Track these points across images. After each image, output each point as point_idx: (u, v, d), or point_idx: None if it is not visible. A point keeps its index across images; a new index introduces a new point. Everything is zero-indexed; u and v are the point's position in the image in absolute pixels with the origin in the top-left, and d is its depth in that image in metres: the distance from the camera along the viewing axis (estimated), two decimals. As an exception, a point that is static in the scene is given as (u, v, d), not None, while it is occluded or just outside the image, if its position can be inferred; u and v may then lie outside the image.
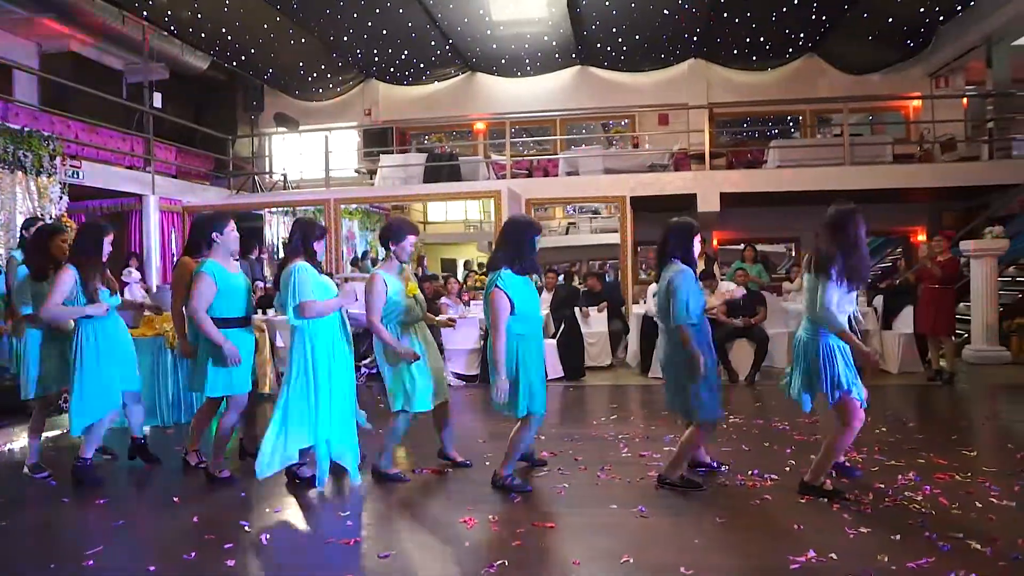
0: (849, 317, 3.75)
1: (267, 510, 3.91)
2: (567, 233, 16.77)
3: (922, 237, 12.77)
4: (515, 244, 3.96)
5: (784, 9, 10.82)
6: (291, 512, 3.89)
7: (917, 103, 12.60)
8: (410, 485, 4.30)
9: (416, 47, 12.37)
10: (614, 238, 13.26)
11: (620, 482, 4.29)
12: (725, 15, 11.23)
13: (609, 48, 12.72)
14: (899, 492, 3.93)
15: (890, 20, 10.89)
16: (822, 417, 5.89)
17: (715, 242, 13.08)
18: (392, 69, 13.38)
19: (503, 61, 13.25)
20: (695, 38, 12.41)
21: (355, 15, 11.05)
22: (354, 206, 12.37)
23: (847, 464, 4.29)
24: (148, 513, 3.94)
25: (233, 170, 12.58)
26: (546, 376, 4.25)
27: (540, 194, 11.44)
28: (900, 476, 4.21)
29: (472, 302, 9.37)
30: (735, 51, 12.72)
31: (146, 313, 5.78)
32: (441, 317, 5.34)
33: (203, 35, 11.17)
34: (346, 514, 3.79)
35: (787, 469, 4.44)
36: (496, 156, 13.01)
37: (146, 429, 5.88)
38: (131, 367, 4.47)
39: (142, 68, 10.97)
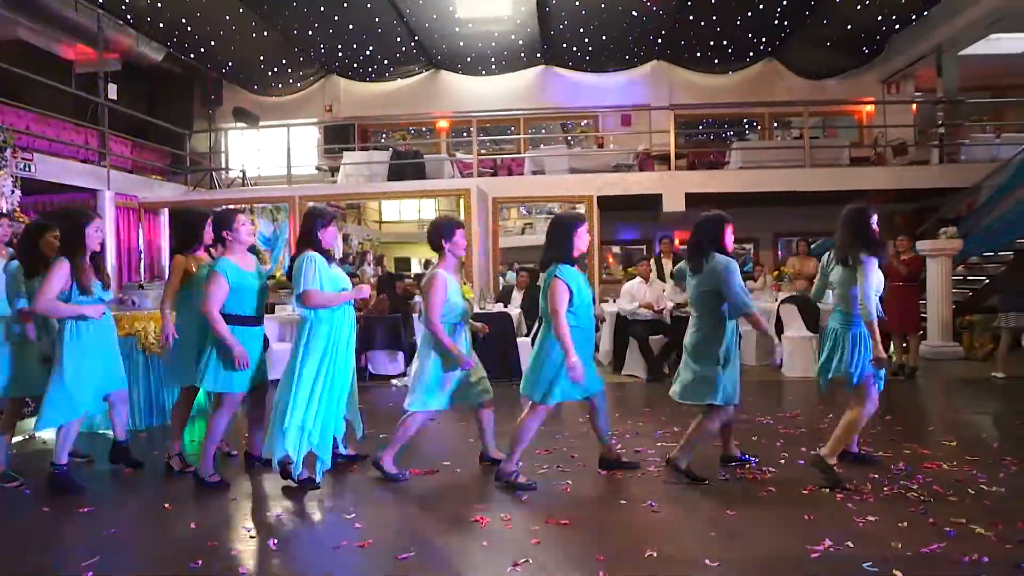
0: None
1: (267, 515, 3.78)
2: (523, 233, 16.80)
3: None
4: (560, 240, 4.01)
5: (749, 13, 11.06)
6: (293, 516, 3.76)
7: (870, 108, 13.05)
8: (410, 487, 4.22)
9: (381, 43, 12.19)
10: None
11: (623, 478, 4.30)
12: (691, 18, 11.40)
13: (575, 48, 12.79)
14: (894, 481, 4.05)
15: (848, 27, 11.25)
16: (802, 409, 6.08)
17: (676, 242, 13.29)
18: (355, 65, 13.16)
19: (469, 59, 13.19)
20: (659, 40, 12.57)
21: (322, 9, 10.82)
22: (311, 204, 12.10)
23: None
24: (140, 521, 3.76)
25: (190, 166, 12.18)
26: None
27: (507, 193, 11.43)
28: (892, 466, 4.34)
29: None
30: (698, 54, 12.94)
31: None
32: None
33: (161, 25, 10.77)
34: (351, 516, 3.69)
35: (782, 461, 4.53)
36: (461, 154, 12.94)
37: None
38: (116, 366, 4.34)
39: (94, 58, 10.51)
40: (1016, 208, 9.53)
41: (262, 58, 12.34)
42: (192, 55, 11.84)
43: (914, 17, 10.89)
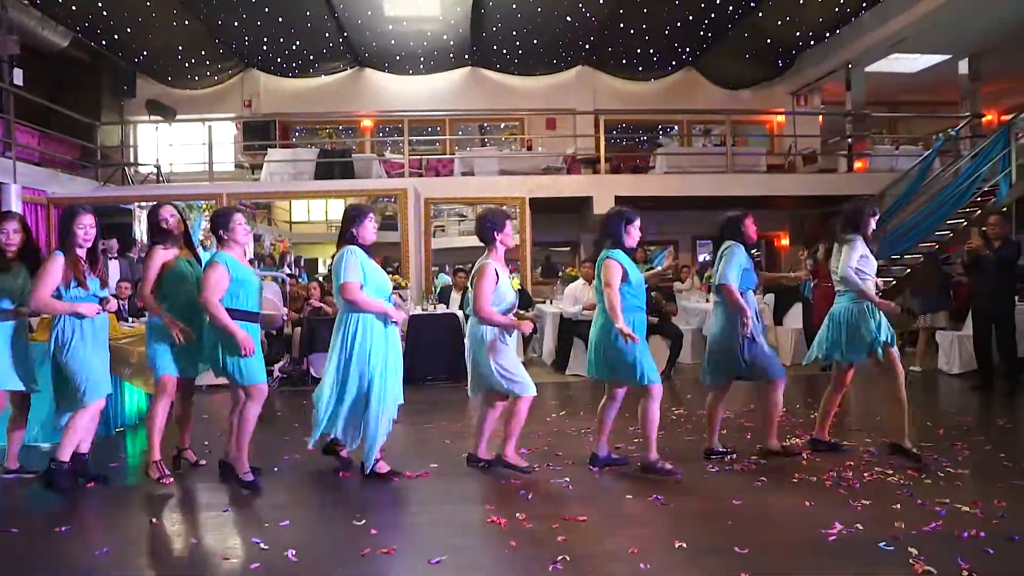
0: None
1: (270, 525, 3.58)
2: (434, 236, 16.66)
3: (785, 241, 14.07)
4: (615, 231, 4.21)
5: (678, 24, 11.50)
6: (300, 525, 3.58)
7: (781, 118, 13.86)
8: (408, 490, 4.13)
9: (309, 38, 11.83)
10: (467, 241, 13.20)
11: (618, 473, 4.38)
12: (622, 25, 11.72)
13: (505, 51, 12.88)
14: (870, 467, 4.33)
15: (768, 41, 11.91)
16: (756, 402, 6.37)
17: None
18: (279, 59, 12.71)
19: (398, 58, 13.02)
20: (587, 46, 12.85)
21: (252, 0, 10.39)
22: (212, 202, 11.49)
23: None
24: (130, 539, 3.48)
25: (102, 159, 11.35)
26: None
27: (440, 194, 11.41)
28: (865, 453, 4.65)
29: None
30: (624, 61, 13.33)
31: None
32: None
33: (73, 8, 9.99)
34: (361, 523, 3.56)
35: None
36: (389, 154, 12.74)
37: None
38: (107, 369, 4.17)
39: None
40: (918, 215, 10.39)
41: (180, 48, 11.67)
42: (104, 42, 11.05)
43: (828, 34, 11.68)
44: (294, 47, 12.07)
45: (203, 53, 12.05)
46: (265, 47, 12.08)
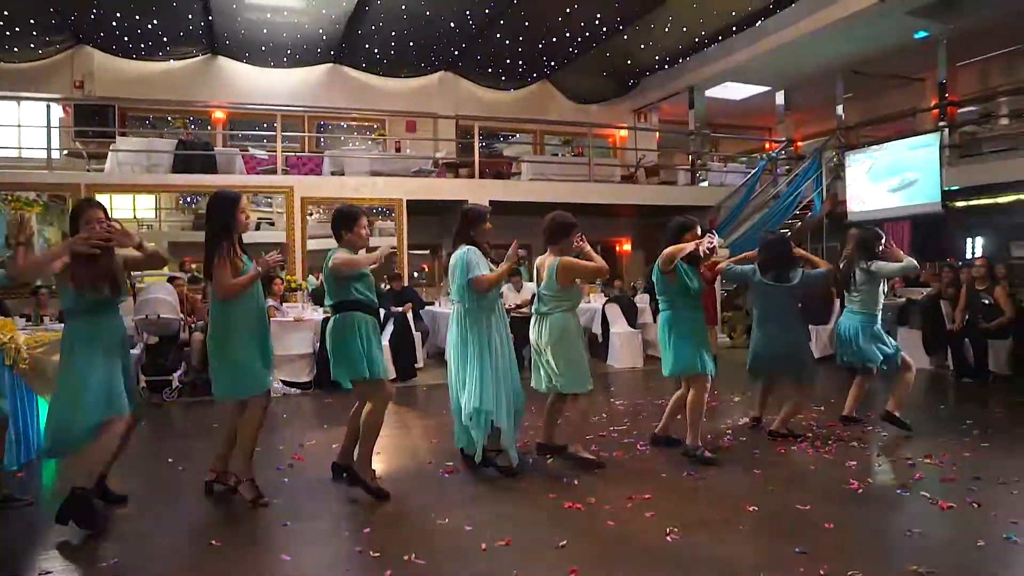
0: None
1: (355, 533, 3.47)
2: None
3: (628, 247, 15.36)
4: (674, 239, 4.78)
5: (554, 38, 12.14)
6: (384, 529, 3.53)
7: (624, 133, 15.13)
8: (456, 485, 4.20)
9: (166, 18, 10.80)
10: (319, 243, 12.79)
11: (630, 457, 4.77)
12: (498, 35, 12.13)
13: (376, 50, 12.71)
14: (827, 437, 5.13)
15: (628, 61, 13.00)
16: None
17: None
18: (125, 38, 11.42)
19: (263, 48, 12.30)
20: (455, 51, 13.09)
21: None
22: (34, 197, 10.16)
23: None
24: (206, 568, 3.19)
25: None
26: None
27: (317, 193, 11.06)
28: (808, 425, 5.49)
29: (286, 305, 8.73)
30: (489, 69, 13.76)
31: None
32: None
33: None
34: (445, 521, 3.58)
35: (730, 433, 5.39)
36: (254, 149, 12.03)
37: None
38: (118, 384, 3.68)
39: None
40: (752, 227, 12.01)
41: (6, 13, 10.07)
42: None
43: (680, 59, 13.03)
44: (149, 27, 10.94)
45: (31, 22, 10.51)
46: (115, 24, 10.79)
